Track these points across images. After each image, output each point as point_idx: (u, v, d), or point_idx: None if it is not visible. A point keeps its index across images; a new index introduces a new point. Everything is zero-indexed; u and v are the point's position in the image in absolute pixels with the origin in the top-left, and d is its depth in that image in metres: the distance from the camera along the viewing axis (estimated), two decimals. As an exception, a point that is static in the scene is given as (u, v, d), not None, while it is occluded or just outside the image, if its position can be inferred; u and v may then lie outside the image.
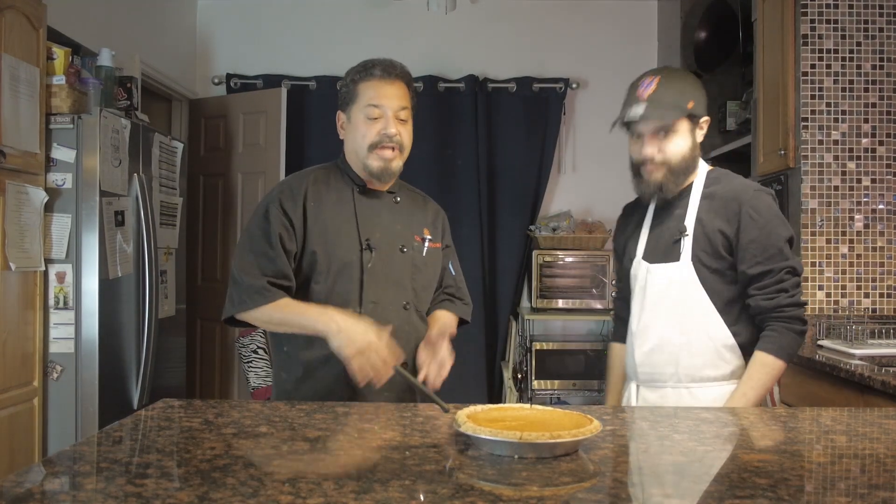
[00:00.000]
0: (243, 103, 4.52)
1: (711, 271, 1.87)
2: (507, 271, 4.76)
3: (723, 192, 1.90)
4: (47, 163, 2.85)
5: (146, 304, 3.21)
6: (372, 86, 1.87)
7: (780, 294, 1.83)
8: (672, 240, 1.92)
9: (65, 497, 1.04)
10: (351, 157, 1.93)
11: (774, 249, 1.84)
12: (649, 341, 1.93)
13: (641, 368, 1.95)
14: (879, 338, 2.75)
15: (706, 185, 1.94)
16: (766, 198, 1.90)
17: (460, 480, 1.11)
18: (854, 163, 3.00)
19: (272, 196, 1.87)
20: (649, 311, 1.94)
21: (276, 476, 1.09)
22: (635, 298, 2.00)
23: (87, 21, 3.45)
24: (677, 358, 1.89)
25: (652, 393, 1.95)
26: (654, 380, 1.94)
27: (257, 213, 1.87)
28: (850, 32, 3.01)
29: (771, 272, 1.83)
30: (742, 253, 1.85)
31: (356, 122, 1.88)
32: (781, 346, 1.82)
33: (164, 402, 1.64)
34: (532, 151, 4.73)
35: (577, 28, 4.86)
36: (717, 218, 1.87)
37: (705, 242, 1.87)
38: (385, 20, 4.82)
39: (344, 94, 1.92)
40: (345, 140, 1.94)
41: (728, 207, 1.87)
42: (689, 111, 1.89)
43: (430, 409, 1.56)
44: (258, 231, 1.83)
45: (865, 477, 1.19)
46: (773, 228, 1.85)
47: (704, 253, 1.87)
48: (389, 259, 1.87)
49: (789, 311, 1.83)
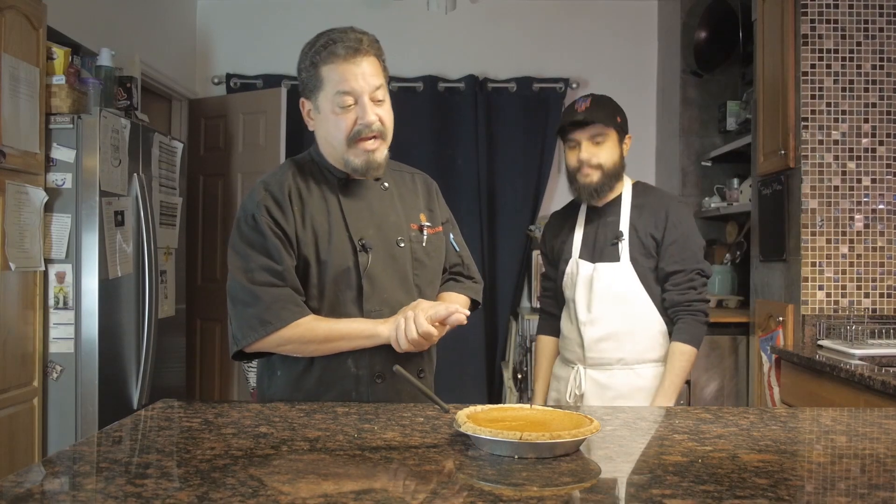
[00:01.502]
0: (243, 103, 4.52)
1: (645, 270, 2.22)
2: (507, 271, 4.76)
3: (652, 203, 2.26)
4: (47, 163, 2.85)
5: (146, 304, 3.21)
6: (337, 69, 1.62)
7: (690, 291, 2.20)
8: (609, 243, 2.25)
9: (65, 497, 1.04)
10: (326, 149, 1.71)
11: (689, 252, 2.21)
12: (600, 330, 2.23)
13: (590, 353, 2.25)
14: (879, 338, 2.75)
15: (634, 196, 2.28)
16: (686, 209, 2.33)
17: (460, 480, 1.11)
18: (854, 163, 3.00)
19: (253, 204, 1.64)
20: (597, 304, 2.23)
21: (276, 476, 1.09)
22: (579, 293, 2.27)
23: (87, 21, 3.45)
24: (623, 344, 2.22)
25: (600, 374, 2.25)
26: (603, 363, 2.25)
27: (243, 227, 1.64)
28: (850, 32, 3.00)
29: (684, 271, 2.20)
30: (664, 252, 2.22)
31: (326, 113, 1.65)
32: (693, 336, 2.19)
33: (164, 402, 1.63)
34: (532, 151, 4.73)
35: (577, 28, 4.86)
36: (648, 224, 2.23)
37: (639, 245, 2.22)
38: (385, 20, 4.81)
39: (305, 79, 1.67)
40: (315, 131, 1.71)
41: (657, 215, 2.23)
42: (618, 124, 2.24)
43: (430, 409, 1.56)
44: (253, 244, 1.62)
45: (865, 477, 1.19)
46: (690, 235, 2.24)
47: (639, 254, 2.22)
48: (387, 257, 1.70)
49: (697, 306, 2.20)
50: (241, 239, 1.64)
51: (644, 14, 4.89)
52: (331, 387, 1.68)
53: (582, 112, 2.22)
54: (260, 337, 1.60)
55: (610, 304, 2.22)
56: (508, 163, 4.75)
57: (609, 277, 2.23)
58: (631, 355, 2.23)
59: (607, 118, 2.21)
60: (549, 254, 2.45)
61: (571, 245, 2.34)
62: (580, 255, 2.31)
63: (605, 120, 2.21)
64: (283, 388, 1.71)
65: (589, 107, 2.22)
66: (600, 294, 2.23)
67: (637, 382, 2.23)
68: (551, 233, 2.46)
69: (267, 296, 1.59)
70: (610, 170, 2.23)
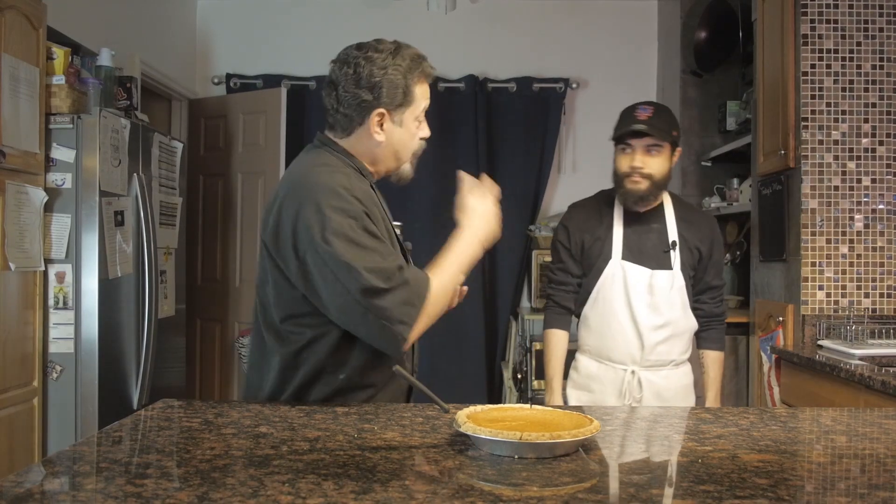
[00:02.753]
0: (243, 103, 4.52)
1: (690, 277, 2.36)
2: (507, 271, 4.76)
3: (699, 219, 2.42)
4: (47, 163, 2.85)
5: (146, 304, 3.21)
6: (425, 89, 1.73)
7: (721, 304, 2.45)
8: (661, 250, 2.33)
9: (65, 497, 1.04)
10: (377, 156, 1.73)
11: (721, 268, 2.46)
12: (662, 334, 2.31)
13: (649, 356, 2.32)
14: (879, 338, 2.75)
15: (677, 208, 2.38)
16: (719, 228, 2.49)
17: (460, 480, 1.11)
18: (854, 163, 3.00)
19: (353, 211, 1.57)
20: (663, 309, 2.31)
21: (276, 476, 1.09)
22: (637, 297, 2.31)
23: (86, 21, 3.45)
24: (675, 346, 2.35)
25: (654, 375, 2.33)
26: (658, 364, 2.33)
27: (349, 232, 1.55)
28: (850, 32, 3.00)
29: (720, 287, 2.44)
30: (709, 266, 2.39)
31: (408, 126, 1.72)
32: (722, 343, 2.46)
33: (164, 402, 1.63)
34: (532, 151, 4.73)
35: (577, 28, 4.86)
36: (696, 238, 2.36)
37: (688, 255, 2.34)
38: (385, 20, 4.82)
39: (395, 92, 1.67)
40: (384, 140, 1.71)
41: (702, 231, 2.38)
42: (673, 138, 2.28)
43: (429, 409, 1.56)
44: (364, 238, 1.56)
45: (865, 477, 1.19)
46: (722, 251, 2.48)
47: (686, 264, 2.34)
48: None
49: (724, 317, 2.47)
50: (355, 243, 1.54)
51: (644, 14, 4.89)
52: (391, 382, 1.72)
53: (643, 121, 2.23)
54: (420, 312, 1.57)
55: (668, 310, 2.32)
56: (508, 163, 4.75)
57: (667, 284, 2.31)
58: (679, 356, 2.36)
59: (665, 132, 2.25)
60: (572, 248, 2.41)
61: (611, 246, 2.34)
62: (623, 257, 2.33)
63: (663, 134, 2.24)
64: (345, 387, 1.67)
65: (651, 116, 2.24)
66: (660, 299, 2.31)
67: (683, 380, 2.37)
68: (577, 226, 2.41)
69: (409, 275, 1.58)
70: (659, 180, 2.27)
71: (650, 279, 2.30)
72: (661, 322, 2.31)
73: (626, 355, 2.32)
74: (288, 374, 1.67)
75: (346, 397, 1.66)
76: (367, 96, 1.66)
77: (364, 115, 1.68)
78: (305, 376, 1.65)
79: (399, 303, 1.54)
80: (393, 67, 1.66)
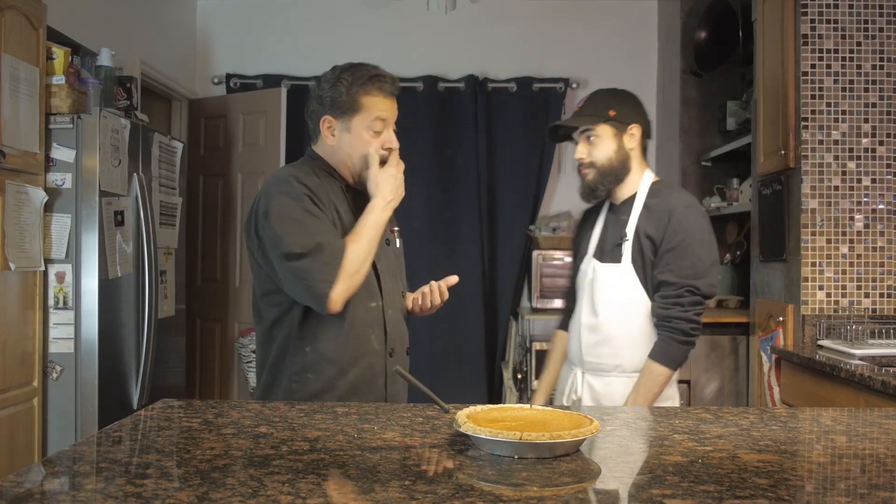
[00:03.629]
0: (243, 103, 4.52)
1: (646, 273, 2.09)
2: (507, 271, 4.76)
3: (658, 204, 2.12)
4: (47, 163, 2.85)
5: (146, 304, 3.21)
6: (380, 101, 1.89)
7: (675, 307, 2.03)
8: (615, 243, 2.15)
9: (65, 497, 1.04)
10: (343, 161, 1.93)
11: (686, 263, 2.03)
12: (597, 335, 2.14)
13: (587, 358, 2.16)
14: (879, 338, 2.75)
15: (648, 196, 2.16)
16: (693, 214, 2.09)
17: (460, 480, 1.11)
18: (854, 163, 3.00)
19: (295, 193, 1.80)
20: (598, 306, 2.15)
21: (276, 476, 1.09)
22: (584, 292, 2.21)
23: (87, 21, 3.45)
24: (621, 351, 2.11)
25: (597, 380, 2.15)
26: (599, 369, 2.15)
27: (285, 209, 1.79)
28: (850, 32, 3.00)
29: (674, 285, 2.03)
30: (658, 259, 2.07)
31: (358, 133, 1.89)
32: (666, 355, 2.04)
33: (164, 402, 1.64)
34: (532, 151, 4.73)
35: (577, 28, 4.86)
36: (650, 226, 2.09)
37: (639, 247, 2.10)
38: (385, 20, 4.82)
39: (340, 101, 1.88)
40: (335, 146, 1.92)
41: (659, 218, 2.08)
42: (609, 118, 2.14)
43: (430, 409, 1.56)
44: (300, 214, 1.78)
45: (865, 477, 1.19)
46: (691, 244, 2.05)
47: (639, 255, 2.10)
48: (383, 252, 1.94)
49: (677, 324, 2.03)
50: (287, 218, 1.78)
51: (644, 14, 4.89)
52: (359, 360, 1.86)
53: (574, 113, 2.23)
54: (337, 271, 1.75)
55: (609, 308, 2.13)
56: (508, 163, 4.75)
57: (611, 279, 2.14)
58: (629, 363, 2.10)
59: (593, 116, 2.15)
60: (574, 250, 2.39)
61: (588, 243, 2.28)
62: (594, 255, 2.24)
63: (590, 119, 2.15)
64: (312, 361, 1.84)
65: (582, 106, 2.20)
66: (601, 296, 2.15)
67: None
68: (579, 229, 2.41)
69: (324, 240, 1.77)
70: (604, 166, 2.15)
71: (593, 274, 2.18)
72: (594, 321, 2.14)
73: (574, 356, 2.22)
74: (266, 347, 1.90)
75: (318, 373, 1.83)
76: (318, 106, 1.92)
77: (317, 123, 1.93)
78: (278, 349, 1.86)
79: (318, 264, 1.75)
80: (338, 80, 1.89)
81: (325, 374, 1.83)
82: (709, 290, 2.06)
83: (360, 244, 1.80)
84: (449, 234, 4.65)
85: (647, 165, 2.24)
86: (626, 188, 2.19)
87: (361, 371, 1.85)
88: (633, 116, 2.18)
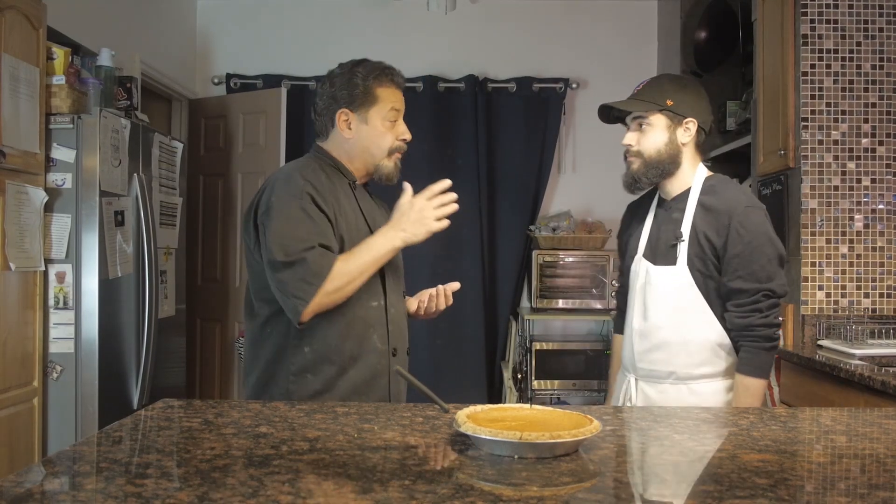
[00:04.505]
0: (243, 103, 4.52)
1: (705, 276, 1.98)
2: (507, 271, 4.76)
3: (716, 204, 1.99)
4: (47, 163, 2.85)
5: (146, 304, 3.21)
6: (393, 92, 1.93)
7: (754, 314, 1.92)
8: (669, 243, 2.02)
9: (65, 497, 1.04)
10: (352, 154, 1.93)
11: (757, 266, 1.93)
12: (649, 340, 2.03)
13: (640, 365, 2.05)
14: (879, 338, 2.75)
15: (702, 193, 2.03)
16: (756, 214, 1.98)
17: (460, 480, 1.11)
18: (854, 163, 3.00)
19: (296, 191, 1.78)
20: (651, 311, 2.03)
21: (276, 476, 1.09)
22: (636, 296, 2.09)
23: (86, 21, 3.45)
24: (675, 357, 2.00)
25: (651, 388, 2.05)
26: (653, 376, 2.04)
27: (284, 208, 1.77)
28: (850, 32, 3.00)
29: (748, 291, 1.93)
30: (725, 265, 1.95)
31: (374, 125, 1.91)
32: (757, 367, 1.93)
33: (164, 402, 1.64)
34: (532, 151, 4.73)
35: (577, 28, 4.86)
36: (709, 228, 1.97)
37: (698, 249, 1.97)
38: (385, 20, 4.82)
39: (356, 94, 1.90)
40: (352, 139, 1.92)
41: (719, 220, 1.96)
42: (666, 107, 2.01)
43: (430, 409, 1.56)
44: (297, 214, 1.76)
45: (865, 477, 1.19)
46: (759, 246, 1.94)
47: (698, 258, 1.98)
48: None
49: (760, 331, 1.93)
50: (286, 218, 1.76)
51: (644, 14, 4.89)
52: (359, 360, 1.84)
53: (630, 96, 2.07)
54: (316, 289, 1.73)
55: (664, 312, 2.01)
56: (508, 163, 4.75)
57: (664, 282, 2.01)
58: (683, 369, 1.99)
59: (649, 103, 2.02)
60: (622, 247, 2.27)
61: (638, 240, 2.15)
62: (644, 254, 2.11)
63: (644, 106, 2.02)
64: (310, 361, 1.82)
65: (640, 90, 2.06)
66: (654, 300, 2.03)
67: (690, 399, 1.98)
68: (624, 224, 2.28)
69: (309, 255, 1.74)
70: (652, 157, 2.02)
71: (646, 277, 2.05)
72: (647, 326, 2.03)
73: (628, 361, 2.12)
74: (258, 346, 1.86)
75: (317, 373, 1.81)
76: (332, 100, 1.93)
77: (332, 117, 1.93)
78: (274, 348, 1.83)
79: (296, 279, 1.73)
80: (351, 73, 1.92)
81: (324, 373, 1.81)
82: (782, 290, 1.97)
83: (350, 264, 1.77)
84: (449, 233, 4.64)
85: (700, 160, 2.12)
86: (678, 183, 2.07)
87: (362, 371, 1.84)
88: (692, 109, 2.04)
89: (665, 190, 2.10)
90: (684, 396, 1.99)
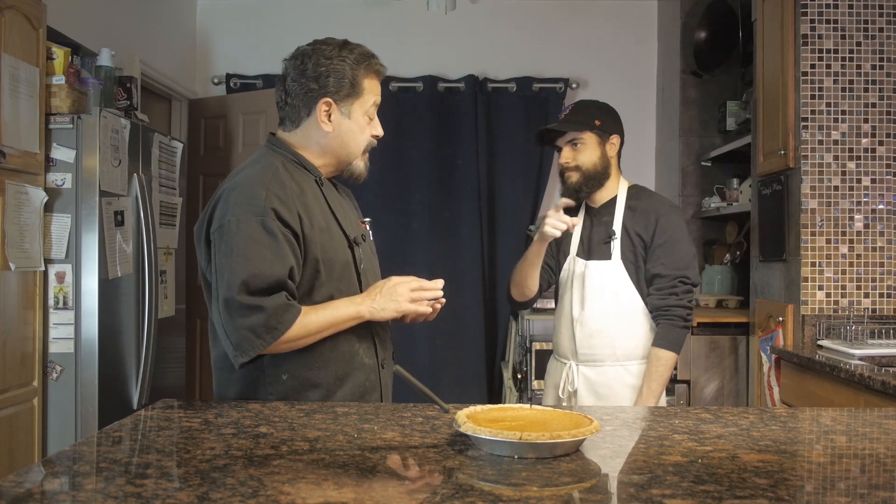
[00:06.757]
0: (243, 103, 4.52)
1: (636, 268, 2.30)
2: (507, 271, 4.71)
3: (643, 206, 2.34)
4: (47, 163, 2.85)
5: (146, 304, 3.21)
6: (376, 85, 1.75)
7: (671, 297, 2.26)
8: (603, 241, 2.33)
9: (65, 497, 1.04)
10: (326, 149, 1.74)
11: (677, 256, 2.28)
12: (590, 327, 2.31)
13: (582, 350, 2.33)
14: (879, 338, 2.75)
15: (629, 198, 2.36)
16: (676, 214, 2.38)
17: (460, 480, 1.11)
18: (854, 163, 3.00)
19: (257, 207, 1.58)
20: (589, 300, 2.31)
21: (276, 476, 1.09)
22: (573, 289, 2.36)
23: (86, 21, 3.45)
24: (615, 341, 2.30)
25: (591, 370, 2.32)
26: (594, 360, 2.32)
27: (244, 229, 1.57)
28: (850, 32, 3.00)
29: (667, 277, 2.27)
30: (650, 254, 2.29)
31: (356, 119, 1.72)
32: (670, 341, 2.25)
33: (164, 402, 1.64)
34: (532, 151, 4.73)
35: (577, 28, 4.86)
36: (638, 225, 2.30)
37: (629, 244, 2.30)
38: (385, 20, 4.82)
39: (344, 83, 1.69)
40: (331, 131, 1.72)
41: (647, 217, 2.30)
42: (595, 127, 2.32)
43: (429, 409, 1.56)
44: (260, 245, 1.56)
45: (865, 477, 1.19)
46: (679, 240, 2.30)
47: (629, 252, 2.30)
48: (364, 251, 1.79)
49: (675, 311, 2.25)
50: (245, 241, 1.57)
51: (644, 14, 4.89)
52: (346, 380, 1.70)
53: (559, 121, 2.36)
54: (267, 345, 1.56)
55: (601, 301, 2.30)
56: (508, 163, 4.75)
57: (600, 275, 2.31)
58: (622, 352, 2.30)
59: (581, 124, 2.32)
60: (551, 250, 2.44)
61: (569, 243, 2.42)
62: (577, 254, 2.40)
63: (577, 126, 2.32)
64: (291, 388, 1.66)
65: (568, 114, 2.35)
66: (592, 291, 2.31)
67: (627, 379, 2.30)
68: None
69: (270, 304, 1.55)
70: (589, 170, 2.33)
71: (584, 270, 2.34)
72: (588, 314, 2.31)
73: (567, 349, 2.37)
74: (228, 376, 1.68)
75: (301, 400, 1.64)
76: (314, 86, 1.70)
77: (311, 106, 1.71)
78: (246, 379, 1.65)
79: (246, 327, 1.54)
80: (339, 59, 1.70)
81: (309, 400, 1.65)
82: (696, 279, 2.32)
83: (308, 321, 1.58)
84: (449, 234, 4.65)
85: (621, 172, 2.43)
86: (605, 192, 2.38)
87: (351, 390, 1.70)
88: (614, 127, 2.36)
89: (594, 199, 2.39)
90: (622, 376, 2.30)
